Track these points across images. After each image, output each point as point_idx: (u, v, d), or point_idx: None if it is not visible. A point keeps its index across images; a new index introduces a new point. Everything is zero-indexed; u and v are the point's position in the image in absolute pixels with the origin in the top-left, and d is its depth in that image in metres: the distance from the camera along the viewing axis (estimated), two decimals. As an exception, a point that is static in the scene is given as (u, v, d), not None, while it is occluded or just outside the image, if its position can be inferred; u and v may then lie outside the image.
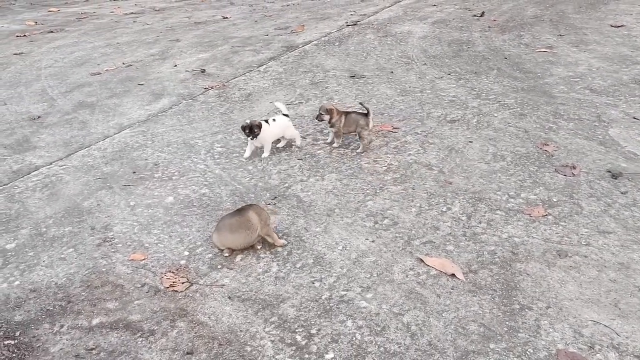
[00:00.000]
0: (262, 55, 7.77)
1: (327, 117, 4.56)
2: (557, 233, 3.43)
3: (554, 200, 3.77)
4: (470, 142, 4.67)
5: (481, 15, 9.35)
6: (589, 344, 2.60)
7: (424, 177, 4.17)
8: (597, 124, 4.86)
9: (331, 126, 4.65)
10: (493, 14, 9.48)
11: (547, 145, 4.52)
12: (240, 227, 3.32)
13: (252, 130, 4.41)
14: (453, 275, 3.11)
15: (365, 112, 4.55)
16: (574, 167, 4.14)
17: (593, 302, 2.86)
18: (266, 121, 4.55)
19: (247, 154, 4.65)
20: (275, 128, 4.59)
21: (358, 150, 4.65)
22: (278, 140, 4.80)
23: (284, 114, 4.69)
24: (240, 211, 3.39)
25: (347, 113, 4.63)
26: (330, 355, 2.64)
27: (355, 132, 4.62)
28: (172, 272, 3.27)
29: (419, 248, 3.37)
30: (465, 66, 6.63)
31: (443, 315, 2.84)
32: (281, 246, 3.44)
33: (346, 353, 2.64)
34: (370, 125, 4.57)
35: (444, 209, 3.75)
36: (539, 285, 3.00)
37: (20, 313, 3.02)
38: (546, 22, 8.59)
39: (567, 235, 3.40)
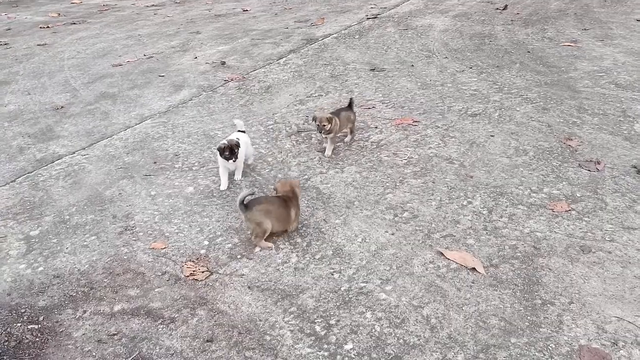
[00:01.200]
0: (281, 47, 7.77)
1: (329, 126, 4.29)
2: (580, 228, 3.38)
3: (578, 195, 3.72)
4: (492, 136, 4.62)
5: (504, 9, 9.22)
6: (613, 340, 2.56)
7: (445, 171, 4.13)
8: (622, 119, 4.78)
9: (327, 133, 4.36)
10: (516, 7, 9.35)
11: (571, 140, 4.45)
12: (283, 217, 3.41)
13: (232, 151, 3.91)
14: (474, 269, 3.08)
15: (348, 104, 4.59)
16: (599, 163, 4.07)
17: (617, 298, 2.82)
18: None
19: (224, 184, 4.08)
20: (243, 146, 4.13)
21: (346, 140, 4.70)
22: None
23: (240, 131, 4.28)
24: (282, 200, 3.43)
25: (337, 114, 4.44)
26: (350, 345, 2.64)
27: (346, 129, 4.61)
28: (192, 262, 3.29)
29: (439, 241, 3.35)
30: (487, 60, 6.55)
31: (463, 308, 2.82)
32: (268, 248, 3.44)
33: (365, 344, 2.64)
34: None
35: (464, 203, 3.72)
36: (561, 280, 2.96)
37: (43, 298, 3.07)
38: (570, 16, 8.45)
39: (591, 231, 3.35)
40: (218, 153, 3.96)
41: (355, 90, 5.86)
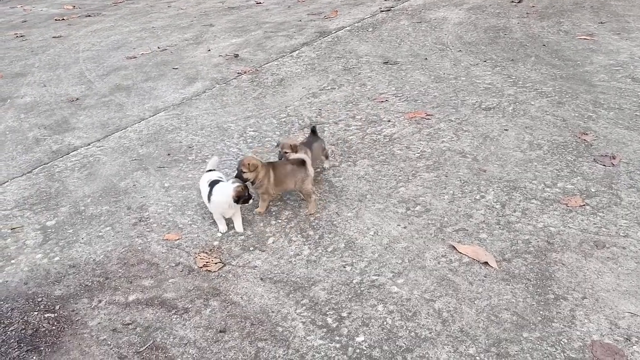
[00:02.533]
0: (295, 40, 7.76)
1: (290, 154, 3.76)
2: (594, 223, 3.35)
3: (592, 190, 3.69)
4: (506, 130, 4.59)
5: (519, 1, 9.13)
6: (626, 336, 2.55)
7: (458, 165, 4.12)
8: (638, 114, 4.72)
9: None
10: (532, 0, 9.24)
11: (586, 134, 4.41)
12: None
13: (249, 195, 3.43)
14: (486, 263, 3.08)
15: (312, 132, 4.12)
16: (614, 157, 4.03)
17: (631, 294, 2.80)
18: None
19: (223, 227, 3.55)
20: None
21: (326, 166, 4.24)
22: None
23: (210, 170, 3.74)
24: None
25: (308, 145, 3.98)
26: (361, 338, 2.65)
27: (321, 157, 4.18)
28: (206, 253, 3.32)
29: (452, 235, 3.35)
30: (502, 53, 6.49)
31: (475, 302, 2.82)
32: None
33: (377, 337, 2.65)
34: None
35: (477, 197, 3.71)
36: (574, 275, 2.95)
37: (59, 287, 3.12)
38: (587, 9, 8.33)
39: (605, 226, 3.32)
40: (231, 198, 3.36)
41: (368, 83, 5.84)
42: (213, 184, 3.46)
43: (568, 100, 5.06)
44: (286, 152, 3.76)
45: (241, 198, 3.35)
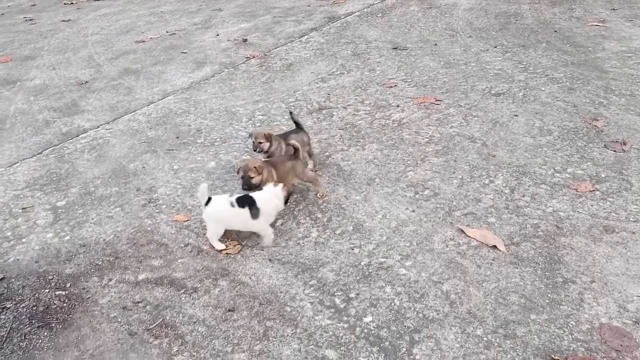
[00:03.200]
0: (303, 25, 7.72)
1: (266, 145, 3.73)
2: (604, 209, 3.34)
3: (602, 175, 3.67)
4: (516, 115, 4.57)
5: (530, -12, 9.01)
6: (634, 320, 2.55)
7: (467, 150, 4.10)
8: (650, 100, 4.67)
9: (265, 153, 3.79)
10: (543, -13, 9.13)
11: (597, 120, 4.38)
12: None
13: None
14: (494, 246, 3.08)
15: (296, 124, 3.99)
16: (625, 143, 4.00)
17: (640, 278, 2.80)
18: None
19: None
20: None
21: (310, 167, 3.97)
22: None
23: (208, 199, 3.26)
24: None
25: (285, 137, 3.87)
26: (369, 318, 2.66)
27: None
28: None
29: (460, 219, 3.34)
30: (513, 39, 6.44)
31: (483, 285, 2.82)
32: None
33: (384, 317, 2.66)
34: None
35: (486, 182, 3.69)
36: (583, 259, 2.94)
37: (70, 266, 3.15)
38: (599, -4, 8.23)
39: (615, 211, 3.31)
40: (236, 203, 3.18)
41: (377, 68, 5.81)
42: (244, 199, 3.17)
43: (579, 87, 5.02)
44: (260, 142, 3.70)
45: (290, 195, 3.41)
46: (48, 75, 6.27)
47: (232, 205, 3.15)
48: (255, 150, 3.78)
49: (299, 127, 3.97)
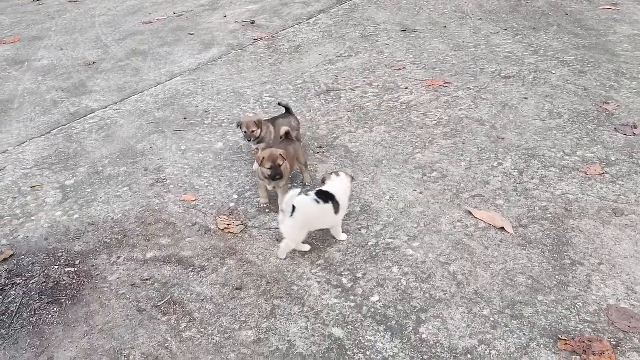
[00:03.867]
0: (311, 7, 7.65)
1: (258, 132, 3.64)
2: (613, 192, 3.32)
3: (612, 159, 3.64)
4: (525, 98, 4.53)
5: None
6: (642, 302, 2.55)
7: (475, 132, 4.08)
8: (662, 84, 4.62)
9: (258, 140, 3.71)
10: (555, -31, 9.00)
11: (608, 103, 4.33)
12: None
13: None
14: (502, 228, 3.07)
15: (286, 109, 3.90)
16: (635, 127, 3.97)
17: (648, 261, 2.78)
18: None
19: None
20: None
21: None
22: None
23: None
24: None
25: (273, 121, 3.79)
26: (376, 298, 2.67)
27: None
28: (226, 215, 3.33)
29: (468, 201, 3.33)
30: (523, 22, 6.36)
31: (490, 266, 2.82)
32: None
33: (391, 297, 2.67)
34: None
35: (495, 164, 3.68)
36: (592, 242, 2.93)
37: (79, 244, 3.17)
38: (612, -22, 8.11)
39: (625, 195, 3.29)
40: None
41: (385, 50, 5.77)
42: (325, 195, 2.96)
43: (590, 70, 4.96)
44: (253, 131, 3.60)
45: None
46: (56, 56, 6.26)
47: (318, 202, 2.89)
48: (248, 140, 3.66)
49: (288, 111, 3.89)
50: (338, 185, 3.03)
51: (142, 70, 5.69)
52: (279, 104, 3.94)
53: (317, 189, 3.02)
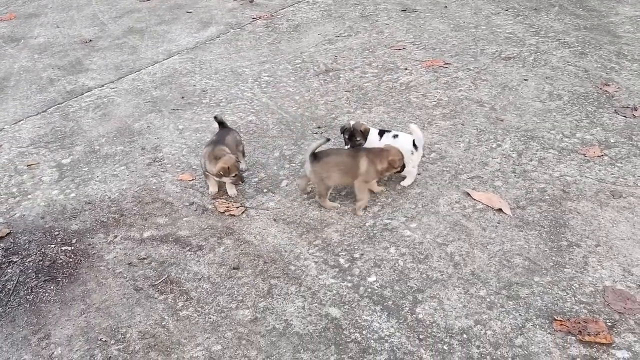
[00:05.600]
0: (311, -14, 7.55)
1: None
2: (612, 174, 3.31)
3: (612, 141, 3.62)
4: (526, 80, 4.49)
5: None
6: (639, 283, 2.55)
7: (475, 114, 4.05)
8: (663, 66, 4.58)
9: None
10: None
11: (608, 85, 4.30)
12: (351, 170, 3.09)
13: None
14: (500, 210, 3.06)
15: (221, 124, 3.51)
16: (635, 109, 3.94)
17: (645, 243, 2.79)
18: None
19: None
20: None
21: (242, 167, 3.51)
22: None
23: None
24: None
25: (220, 142, 3.32)
26: (373, 278, 2.68)
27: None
28: (224, 199, 3.30)
29: (466, 182, 3.32)
30: (525, 2, 6.28)
31: (488, 247, 2.82)
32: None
33: (388, 277, 2.67)
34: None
35: (493, 146, 3.66)
36: (589, 223, 2.93)
37: (76, 223, 3.17)
38: (616, -41, 8.00)
39: (623, 177, 3.28)
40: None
41: (385, 30, 5.71)
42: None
43: (591, 51, 4.92)
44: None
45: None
46: (52, 33, 6.18)
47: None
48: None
49: (224, 126, 3.49)
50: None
51: (139, 49, 5.63)
52: (215, 118, 3.55)
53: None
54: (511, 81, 4.48)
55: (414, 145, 3.21)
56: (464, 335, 2.36)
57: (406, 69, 4.84)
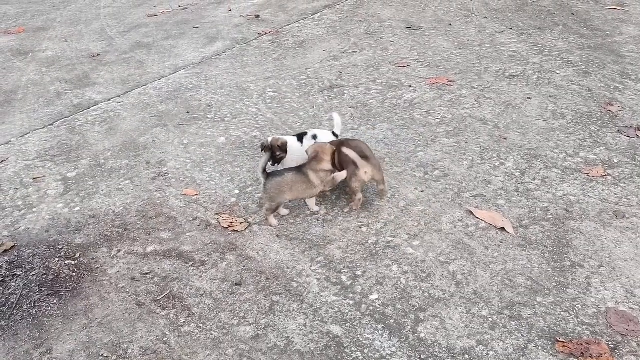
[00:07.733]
0: (317, 3, 7.63)
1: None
2: (615, 194, 3.31)
3: (615, 161, 3.63)
4: (529, 98, 4.51)
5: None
6: (641, 305, 2.54)
7: (478, 131, 4.07)
8: (667, 86, 4.60)
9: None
10: (562, -32, 8.95)
11: (612, 105, 4.32)
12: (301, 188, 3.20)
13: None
14: (503, 229, 3.06)
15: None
16: (639, 129, 3.95)
17: (649, 264, 2.78)
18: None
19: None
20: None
21: None
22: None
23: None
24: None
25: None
26: (375, 296, 2.67)
27: None
28: (228, 214, 3.32)
29: (469, 200, 3.33)
30: (529, 21, 6.33)
31: (490, 266, 2.82)
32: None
33: (390, 295, 2.67)
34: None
35: (497, 164, 3.67)
36: (592, 244, 2.93)
37: (80, 236, 3.18)
38: (619, -22, 8.06)
39: (626, 197, 3.28)
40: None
41: (390, 48, 5.75)
42: None
43: (595, 71, 4.94)
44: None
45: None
46: (60, 47, 6.26)
47: None
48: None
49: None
50: None
51: (146, 63, 5.69)
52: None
53: None
54: (515, 99, 4.50)
55: (334, 134, 3.52)
56: (466, 356, 2.35)
57: (410, 86, 4.87)
